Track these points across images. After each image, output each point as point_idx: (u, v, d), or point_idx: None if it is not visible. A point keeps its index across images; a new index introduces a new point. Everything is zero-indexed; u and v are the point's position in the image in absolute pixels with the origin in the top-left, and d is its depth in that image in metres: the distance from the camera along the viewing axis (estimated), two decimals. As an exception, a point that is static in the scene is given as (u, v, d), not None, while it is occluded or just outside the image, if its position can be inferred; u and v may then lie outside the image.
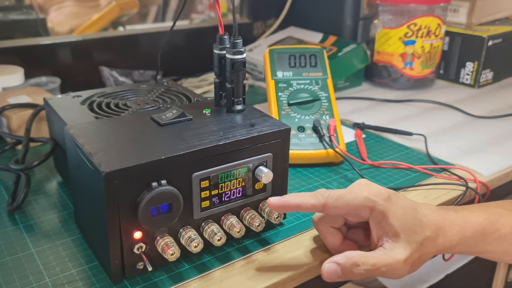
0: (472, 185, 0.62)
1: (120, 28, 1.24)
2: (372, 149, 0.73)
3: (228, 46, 0.52)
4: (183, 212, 0.44)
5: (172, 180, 0.43)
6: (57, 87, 0.89)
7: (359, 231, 0.49)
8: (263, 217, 0.51)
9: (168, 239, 0.44)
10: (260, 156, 0.48)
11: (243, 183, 0.48)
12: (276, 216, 0.50)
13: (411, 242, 0.44)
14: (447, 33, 1.04)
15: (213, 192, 0.46)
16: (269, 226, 0.53)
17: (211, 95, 0.95)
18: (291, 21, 1.18)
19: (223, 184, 0.47)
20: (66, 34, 1.19)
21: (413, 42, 0.97)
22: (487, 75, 1.03)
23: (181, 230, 0.46)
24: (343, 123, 0.83)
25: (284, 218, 0.54)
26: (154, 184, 0.42)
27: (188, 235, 0.45)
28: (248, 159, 0.48)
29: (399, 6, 0.96)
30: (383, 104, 0.93)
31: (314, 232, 0.52)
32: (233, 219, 0.48)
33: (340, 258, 0.44)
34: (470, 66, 1.02)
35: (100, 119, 0.52)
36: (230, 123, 0.50)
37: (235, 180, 0.48)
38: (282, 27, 1.18)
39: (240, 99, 0.53)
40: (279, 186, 0.52)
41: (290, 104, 0.71)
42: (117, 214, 0.41)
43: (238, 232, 0.47)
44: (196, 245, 0.44)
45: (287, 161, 0.51)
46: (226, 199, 0.48)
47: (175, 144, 0.45)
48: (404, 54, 0.98)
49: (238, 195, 0.48)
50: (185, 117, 0.50)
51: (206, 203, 0.46)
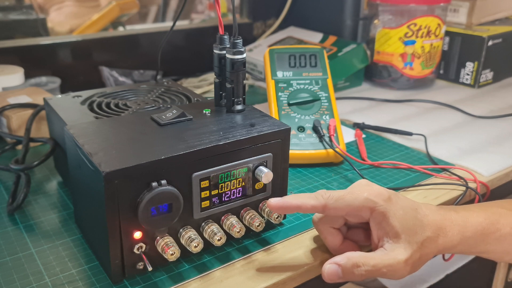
0: (472, 185, 0.62)
1: (120, 28, 1.24)
2: (372, 149, 0.73)
3: (228, 46, 0.52)
4: (183, 212, 0.44)
5: (172, 180, 0.43)
6: (57, 87, 0.89)
7: (359, 231, 0.49)
8: (263, 217, 0.51)
9: (168, 239, 0.44)
10: (260, 156, 0.48)
11: (243, 183, 0.48)
12: (276, 216, 0.50)
13: (412, 243, 0.44)
14: (447, 33, 1.04)
15: (213, 192, 0.46)
16: (269, 226, 0.53)
17: (211, 95, 0.95)
18: (291, 21, 1.18)
19: (223, 184, 0.47)
20: (66, 34, 1.19)
21: (413, 42, 0.97)
22: (487, 75, 1.03)
23: (181, 230, 0.46)
24: (343, 123, 0.83)
25: (284, 218, 0.54)
26: (154, 184, 0.42)
27: (188, 235, 0.45)
28: (248, 159, 0.48)
29: (399, 6, 0.96)
30: (383, 104, 0.93)
31: (314, 232, 0.52)
32: (233, 219, 0.48)
33: (340, 259, 0.44)
34: (470, 66, 1.02)
35: (100, 119, 0.52)
36: (230, 123, 0.50)
37: (235, 180, 0.48)
38: (282, 27, 1.18)
39: (240, 99, 0.53)
40: (279, 186, 0.52)
41: (290, 104, 0.71)
42: (117, 214, 0.41)
43: (238, 232, 0.47)
44: (196, 245, 0.44)
45: (287, 161, 0.51)
46: (226, 199, 0.48)
47: (175, 144, 0.45)
48: (404, 54, 0.98)
49: (238, 195, 0.48)
50: (185, 117, 0.50)
51: (206, 203, 0.46)
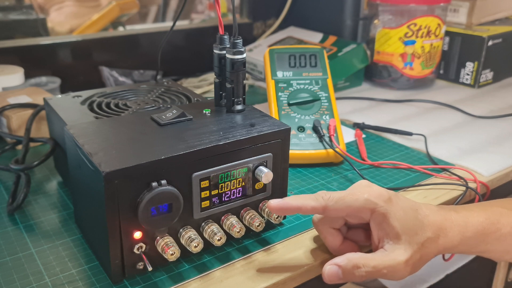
0: (472, 185, 0.62)
1: (120, 28, 1.24)
2: (372, 149, 0.73)
3: (228, 46, 0.52)
4: (183, 212, 0.44)
5: (172, 180, 0.43)
6: (57, 87, 0.89)
7: (360, 231, 0.49)
8: (263, 217, 0.51)
9: (168, 239, 0.44)
10: (260, 156, 0.48)
11: (243, 183, 0.48)
12: (276, 216, 0.50)
13: (412, 243, 0.44)
14: (447, 33, 1.04)
15: (213, 192, 0.46)
16: (269, 226, 0.53)
17: (211, 95, 0.95)
18: (291, 21, 1.18)
19: (223, 184, 0.47)
20: (66, 34, 1.19)
21: (413, 42, 0.97)
22: (487, 75, 1.03)
23: (181, 230, 0.46)
24: (343, 123, 0.83)
25: (284, 218, 0.54)
26: (154, 184, 0.42)
27: (188, 235, 0.45)
28: (248, 159, 0.48)
29: (399, 6, 0.96)
30: (383, 104, 0.93)
31: (314, 232, 0.52)
32: (233, 219, 0.48)
33: (341, 260, 0.44)
34: (470, 66, 1.02)
35: (100, 119, 0.52)
36: (230, 123, 0.50)
37: (235, 180, 0.48)
38: (282, 27, 1.18)
39: (240, 99, 0.53)
40: (279, 186, 0.52)
41: (290, 104, 0.71)
42: (117, 214, 0.41)
43: (238, 232, 0.47)
44: (196, 245, 0.44)
45: (287, 161, 0.51)
46: (226, 199, 0.48)
47: (175, 144, 0.45)
48: (404, 54, 0.98)
49: (238, 195, 0.48)
50: (185, 117, 0.50)
51: (206, 203, 0.46)
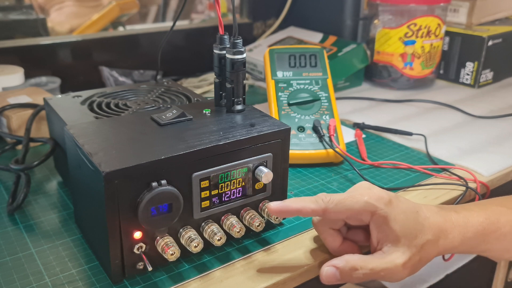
0: (472, 185, 0.62)
1: (120, 28, 1.24)
2: (372, 149, 0.73)
3: (228, 46, 0.52)
4: (183, 212, 0.44)
5: (172, 180, 0.43)
6: (57, 87, 0.89)
7: (359, 232, 0.49)
8: (263, 217, 0.51)
9: (168, 239, 0.44)
10: (260, 156, 0.48)
11: (243, 183, 0.48)
12: (276, 216, 0.50)
13: (411, 246, 0.44)
14: (447, 33, 1.04)
15: (213, 192, 0.46)
16: (269, 226, 0.53)
17: (211, 95, 0.95)
18: (291, 21, 1.18)
19: (223, 184, 0.47)
20: (66, 34, 1.19)
21: (413, 42, 0.97)
22: (487, 75, 1.03)
23: (181, 230, 0.46)
24: (343, 123, 0.83)
25: (284, 218, 0.54)
26: (154, 184, 0.42)
27: (188, 235, 0.45)
28: (248, 159, 0.48)
29: (399, 6, 0.96)
30: (383, 104, 0.93)
31: (314, 232, 0.52)
32: (233, 219, 0.48)
33: (339, 261, 0.44)
34: (470, 66, 1.02)
35: (100, 119, 0.52)
36: (230, 123, 0.50)
37: (235, 180, 0.48)
38: (282, 27, 1.18)
39: (240, 99, 0.53)
40: (279, 186, 0.52)
41: (290, 104, 0.71)
42: (117, 214, 0.41)
43: (238, 232, 0.47)
44: (196, 245, 0.44)
45: (287, 161, 0.51)
46: (226, 199, 0.48)
47: (175, 144, 0.45)
48: (404, 54, 0.98)
49: (238, 195, 0.48)
50: (185, 117, 0.50)
51: (206, 203, 0.46)
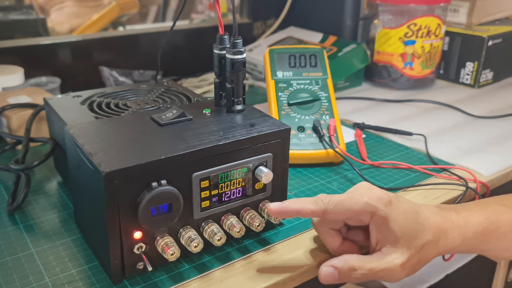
0: (472, 185, 0.62)
1: (120, 28, 1.24)
2: (372, 149, 0.73)
3: (228, 46, 0.52)
4: (183, 212, 0.44)
5: (172, 180, 0.43)
6: (57, 87, 0.89)
7: (359, 232, 0.49)
8: (263, 217, 0.51)
9: (168, 239, 0.44)
10: (260, 156, 0.48)
11: (243, 183, 0.48)
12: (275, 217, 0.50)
13: (410, 247, 0.44)
14: (447, 33, 1.04)
15: (213, 192, 0.46)
16: (269, 226, 0.53)
17: (211, 95, 0.95)
18: (291, 21, 1.18)
19: (223, 184, 0.47)
20: (66, 34, 1.19)
21: (413, 42, 0.97)
22: (487, 75, 1.03)
23: (181, 230, 0.46)
24: (343, 123, 0.83)
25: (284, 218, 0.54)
26: (154, 184, 0.42)
27: (188, 235, 0.45)
28: (248, 159, 0.48)
29: (399, 6, 0.96)
30: (383, 104, 0.93)
31: (314, 232, 0.52)
32: (233, 219, 0.48)
33: (337, 261, 0.44)
34: (470, 66, 1.02)
35: (100, 119, 0.52)
36: (230, 123, 0.50)
37: (235, 180, 0.48)
38: (282, 27, 1.18)
39: (240, 99, 0.53)
40: (279, 186, 0.52)
41: (290, 104, 0.71)
42: (117, 214, 0.41)
43: (238, 232, 0.47)
44: (196, 245, 0.44)
45: (287, 161, 0.51)
46: (226, 199, 0.48)
47: (175, 144, 0.45)
48: (404, 54, 0.98)
49: (238, 195, 0.48)
50: (185, 117, 0.50)
51: (206, 203, 0.46)
